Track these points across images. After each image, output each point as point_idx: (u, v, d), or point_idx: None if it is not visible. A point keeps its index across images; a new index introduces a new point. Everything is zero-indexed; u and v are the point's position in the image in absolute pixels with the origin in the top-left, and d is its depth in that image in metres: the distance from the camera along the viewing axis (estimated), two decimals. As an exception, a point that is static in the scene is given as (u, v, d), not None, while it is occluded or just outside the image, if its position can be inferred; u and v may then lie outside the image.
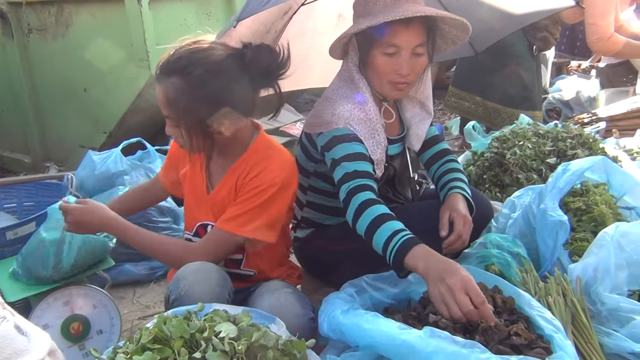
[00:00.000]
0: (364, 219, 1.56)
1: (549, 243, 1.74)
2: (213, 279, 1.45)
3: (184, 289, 1.41)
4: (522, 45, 3.47)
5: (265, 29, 2.16)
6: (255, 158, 1.64)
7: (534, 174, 2.41)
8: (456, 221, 1.73)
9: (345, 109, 1.72)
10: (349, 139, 1.70)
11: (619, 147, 2.84)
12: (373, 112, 1.74)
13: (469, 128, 3.15)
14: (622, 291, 1.59)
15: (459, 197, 1.81)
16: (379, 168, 1.75)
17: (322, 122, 1.75)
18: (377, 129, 1.74)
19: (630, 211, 2.03)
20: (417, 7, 1.68)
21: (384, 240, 1.51)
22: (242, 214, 1.58)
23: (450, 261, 1.41)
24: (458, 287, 1.32)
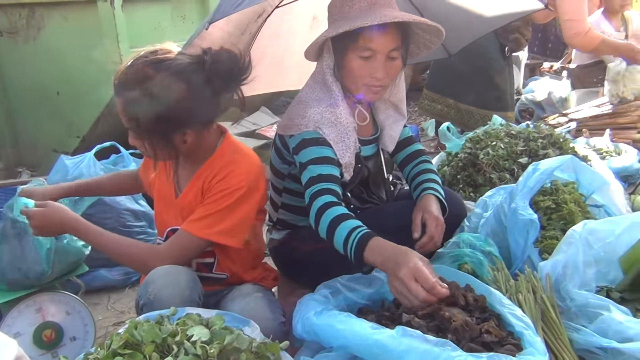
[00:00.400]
0: (323, 221, 1.59)
1: (520, 241, 1.77)
2: (182, 281, 1.45)
3: (152, 293, 1.40)
4: (494, 47, 3.52)
5: (240, 32, 2.16)
6: (221, 162, 1.64)
7: (506, 174, 2.44)
8: (428, 223, 1.75)
9: (316, 112, 1.73)
10: (316, 142, 1.72)
11: (589, 147, 2.91)
12: (344, 115, 1.76)
13: (443, 129, 3.19)
14: (590, 287, 1.62)
15: (432, 198, 1.84)
16: (348, 171, 1.77)
17: (293, 125, 1.76)
18: (348, 132, 1.75)
19: (599, 209, 2.08)
20: (393, 12, 1.70)
21: (343, 239, 1.54)
22: (207, 217, 1.57)
23: (401, 251, 1.43)
24: (408, 278, 1.35)
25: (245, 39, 2.22)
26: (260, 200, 1.69)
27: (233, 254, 1.70)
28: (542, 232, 1.87)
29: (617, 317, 1.45)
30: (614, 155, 2.87)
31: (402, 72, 1.89)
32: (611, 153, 2.91)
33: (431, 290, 1.35)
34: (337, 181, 1.68)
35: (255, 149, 3.42)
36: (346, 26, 1.66)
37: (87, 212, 2.47)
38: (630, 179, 2.77)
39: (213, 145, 1.68)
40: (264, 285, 1.82)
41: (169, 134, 1.55)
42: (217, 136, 1.70)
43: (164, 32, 3.36)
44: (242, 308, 1.49)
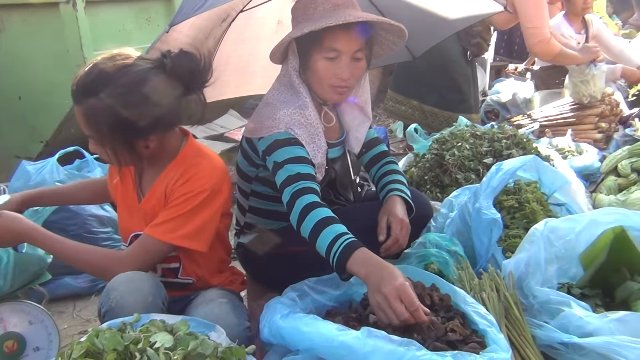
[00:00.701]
0: (308, 221, 1.57)
1: (484, 240, 1.80)
2: (145, 288, 1.43)
3: (114, 301, 1.38)
4: (456, 51, 3.57)
5: (204, 36, 2.14)
6: (184, 165, 1.62)
7: (471, 174, 2.48)
8: (393, 226, 1.76)
9: (285, 114, 1.73)
10: (290, 142, 1.71)
11: (551, 147, 2.98)
12: (313, 117, 1.76)
13: (410, 130, 3.22)
14: (552, 284, 1.66)
15: (397, 199, 1.85)
16: (320, 172, 1.77)
17: (262, 127, 1.75)
18: (318, 133, 1.76)
19: (560, 207, 2.13)
20: (357, 13, 1.72)
21: (327, 244, 1.52)
22: (170, 220, 1.55)
23: (387, 267, 1.43)
24: (393, 296, 1.35)
25: (209, 44, 2.21)
26: (224, 203, 1.68)
27: (199, 258, 1.69)
28: (505, 230, 1.90)
29: (577, 313, 1.49)
30: (576, 155, 2.95)
31: (366, 74, 1.91)
32: (573, 153, 2.99)
33: (414, 313, 1.34)
34: (316, 180, 1.68)
35: (223, 152, 3.40)
36: (311, 26, 1.67)
37: (51, 219, 2.40)
38: (591, 178, 2.85)
39: (176, 148, 1.66)
40: (231, 289, 1.81)
41: (131, 140, 1.53)
42: (179, 139, 1.68)
43: (128, 35, 3.31)
44: (206, 314, 1.47)
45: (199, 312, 1.50)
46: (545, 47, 3.49)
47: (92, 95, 1.48)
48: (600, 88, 3.39)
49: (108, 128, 1.49)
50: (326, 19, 1.66)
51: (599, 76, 3.38)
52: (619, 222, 1.69)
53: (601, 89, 3.39)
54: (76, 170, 2.69)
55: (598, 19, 4.21)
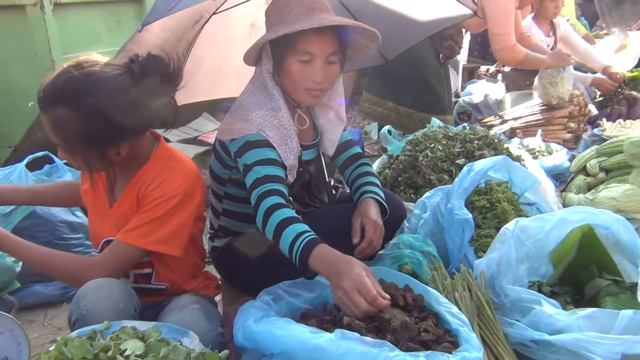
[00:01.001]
0: (271, 223, 1.58)
1: (456, 240, 1.82)
2: (116, 294, 1.41)
3: (84, 308, 1.35)
4: (429, 53, 3.61)
5: (176, 38, 2.13)
6: (156, 169, 1.60)
7: (444, 175, 2.51)
8: (367, 228, 1.77)
9: (258, 115, 1.73)
10: (261, 144, 1.70)
11: (522, 147, 3.02)
12: (286, 119, 1.76)
13: (384, 132, 3.25)
14: (523, 283, 1.69)
15: (371, 201, 1.86)
16: (292, 174, 1.77)
17: (234, 129, 1.75)
18: (290, 135, 1.75)
19: (531, 207, 2.16)
20: (332, 17, 1.72)
21: (288, 244, 1.53)
22: (143, 225, 1.54)
23: (343, 261, 1.44)
24: (351, 289, 1.36)
25: (182, 46, 2.19)
26: (198, 207, 1.66)
27: (172, 263, 1.67)
28: (477, 230, 1.93)
29: (547, 311, 1.51)
30: (546, 155, 3.00)
31: (340, 76, 1.92)
32: (543, 153, 3.04)
33: (373, 302, 1.35)
34: (284, 182, 1.68)
35: (197, 155, 3.38)
36: (285, 29, 1.66)
37: (20, 226, 2.36)
38: (561, 177, 2.90)
39: (147, 153, 1.64)
40: (205, 294, 1.79)
41: (102, 149, 1.51)
42: (150, 143, 1.66)
43: (98, 38, 3.27)
44: (178, 321, 1.46)
45: (171, 319, 1.49)
46: (509, 53, 3.56)
47: (60, 104, 1.44)
48: (568, 90, 3.46)
49: (77, 137, 1.46)
50: (300, 22, 1.66)
51: (567, 78, 3.45)
52: (587, 221, 1.73)
53: (569, 90, 3.46)
54: (45, 175, 2.64)
55: (565, 21, 4.29)
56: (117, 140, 1.51)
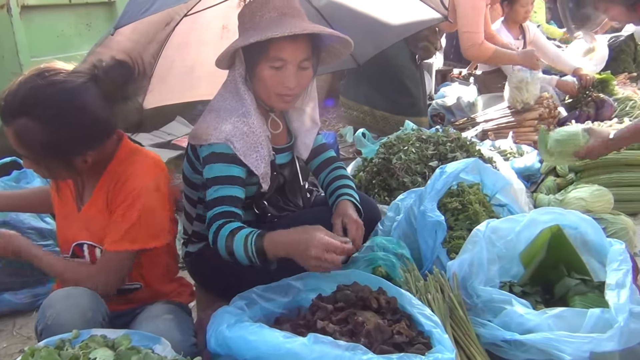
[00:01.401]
0: (220, 241, 1.63)
1: (429, 242, 1.84)
2: (84, 303, 1.39)
3: (50, 318, 1.33)
4: (404, 55, 3.64)
5: (147, 40, 2.10)
6: (120, 167, 1.59)
7: (418, 177, 2.53)
8: (349, 227, 1.78)
9: (228, 122, 1.72)
10: (224, 159, 1.71)
11: (494, 149, 3.06)
12: (257, 125, 1.75)
13: (358, 135, 3.26)
14: (494, 283, 1.71)
15: (349, 203, 1.87)
16: (265, 181, 1.77)
17: (202, 134, 1.74)
18: (261, 142, 1.75)
19: (502, 208, 2.19)
20: (303, 24, 1.71)
21: (242, 249, 1.59)
22: (129, 230, 1.54)
23: (302, 232, 1.56)
24: (321, 253, 1.50)
25: (152, 48, 2.17)
26: (169, 195, 1.65)
27: (143, 261, 1.66)
28: (450, 232, 1.95)
29: (518, 311, 1.54)
30: (517, 156, 3.04)
31: (313, 80, 1.92)
32: (514, 154, 3.08)
33: (342, 253, 1.53)
34: (238, 203, 1.71)
35: (170, 159, 3.34)
36: (257, 36, 1.66)
37: (-13, 233, 2.31)
38: (532, 178, 2.95)
39: (111, 153, 1.62)
40: (179, 301, 1.78)
41: (68, 158, 1.48)
42: (114, 143, 1.64)
43: (68, 41, 3.21)
44: (151, 331, 1.44)
45: (143, 329, 1.47)
46: (477, 50, 3.62)
47: (22, 115, 1.41)
48: (534, 95, 3.52)
49: (41, 148, 1.43)
50: (272, 29, 1.66)
51: (532, 83, 3.51)
52: (556, 221, 1.76)
53: (535, 95, 3.52)
54: (14, 181, 2.58)
55: (534, 26, 4.37)
56: (83, 149, 1.49)
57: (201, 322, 1.82)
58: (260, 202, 1.88)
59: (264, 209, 1.89)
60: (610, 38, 4.98)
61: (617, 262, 1.59)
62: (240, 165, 1.72)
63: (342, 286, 1.61)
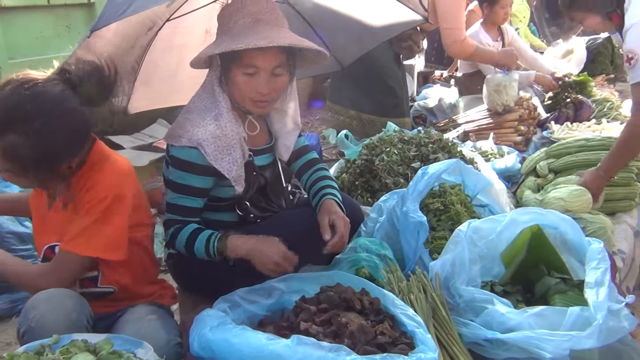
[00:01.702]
0: (179, 240, 1.76)
1: (412, 243, 1.85)
2: (68, 304, 1.38)
3: (34, 320, 1.31)
4: (389, 56, 3.65)
5: (129, 44, 2.09)
6: (90, 172, 1.58)
7: (400, 178, 2.54)
8: (337, 223, 1.80)
9: (200, 125, 1.73)
10: (188, 167, 1.74)
11: (475, 150, 3.09)
12: (229, 128, 1.75)
13: (341, 137, 3.27)
14: (476, 283, 1.72)
15: (333, 202, 1.88)
16: (239, 184, 1.77)
17: (175, 135, 1.76)
18: (233, 144, 1.75)
19: (484, 208, 2.21)
20: (272, 34, 1.69)
21: (203, 248, 1.72)
22: (82, 232, 1.52)
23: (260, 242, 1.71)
24: (281, 260, 1.67)
25: (135, 52, 2.15)
26: (130, 207, 1.62)
27: (118, 266, 1.64)
28: (432, 232, 1.96)
29: (500, 310, 1.55)
30: (498, 157, 3.07)
31: (292, 83, 1.92)
32: (495, 155, 3.11)
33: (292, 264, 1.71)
34: (194, 214, 1.80)
35: (152, 162, 3.31)
36: (224, 46, 1.67)
37: (-36, 238, 2.27)
38: (512, 179, 2.98)
39: (85, 156, 1.60)
40: (162, 302, 1.76)
41: (55, 167, 1.47)
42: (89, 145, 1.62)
43: (47, 42, 3.17)
44: (135, 332, 1.43)
45: (128, 330, 1.46)
46: (459, 47, 3.63)
47: (9, 132, 1.38)
48: (513, 96, 3.56)
49: (32, 162, 1.41)
50: (242, 37, 1.66)
51: (510, 85, 3.54)
52: (536, 221, 1.78)
53: (514, 97, 3.56)
54: (-7, 185, 2.55)
55: (512, 28, 4.42)
56: (70, 156, 1.49)
57: (184, 325, 1.81)
58: (242, 203, 1.88)
59: (246, 210, 1.89)
60: (588, 40, 5.06)
61: (595, 261, 1.61)
62: (206, 175, 1.75)
63: (326, 287, 1.61)
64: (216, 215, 1.91)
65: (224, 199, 1.87)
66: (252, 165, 1.84)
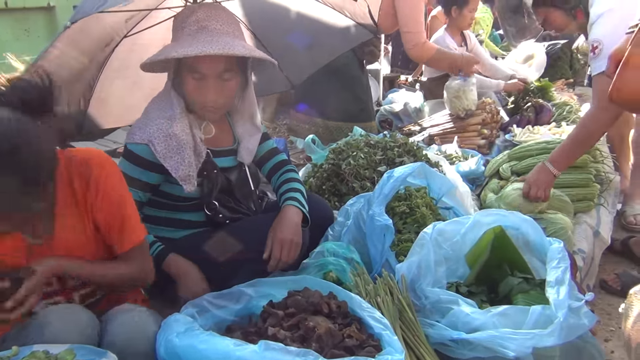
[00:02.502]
0: None
1: (378, 246, 1.86)
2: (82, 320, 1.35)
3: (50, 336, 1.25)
4: (353, 62, 3.67)
5: (88, 59, 2.06)
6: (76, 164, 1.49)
7: (367, 182, 2.56)
8: (273, 247, 1.81)
9: (153, 124, 1.76)
10: (137, 161, 1.77)
11: (440, 153, 3.13)
12: (180, 129, 1.77)
13: (308, 141, 3.27)
14: (442, 284, 1.75)
15: (290, 210, 1.90)
16: (189, 183, 1.78)
17: (130, 132, 1.80)
18: (183, 145, 1.76)
19: (449, 210, 2.25)
20: (213, 43, 1.69)
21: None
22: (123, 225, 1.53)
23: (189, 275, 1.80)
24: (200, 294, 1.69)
25: (92, 68, 2.13)
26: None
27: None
28: (398, 235, 1.98)
29: (465, 310, 1.57)
30: (462, 160, 3.12)
31: (250, 87, 1.95)
32: (459, 158, 3.16)
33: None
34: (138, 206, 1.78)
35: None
36: (166, 52, 1.71)
37: None
38: (476, 181, 3.03)
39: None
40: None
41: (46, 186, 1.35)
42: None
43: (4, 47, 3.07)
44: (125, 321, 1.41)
45: (119, 319, 1.42)
46: (420, 50, 3.65)
47: None
48: (473, 100, 3.62)
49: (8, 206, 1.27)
50: (184, 45, 1.70)
51: (469, 91, 3.61)
52: (498, 222, 1.82)
53: (474, 101, 3.62)
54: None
55: (473, 35, 4.51)
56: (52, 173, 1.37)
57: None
58: (210, 202, 1.89)
59: (215, 210, 1.89)
60: (548, 45, 5.19)
61: (556, 260, 1.65)
62: (152, 171, 1.78)
63: (293, 292, 1.61)
64: (184, 215, 1.92)
65: (187, 199, 1.88)
66: (212, 164, 1.87)
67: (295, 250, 1.83)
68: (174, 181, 1.80)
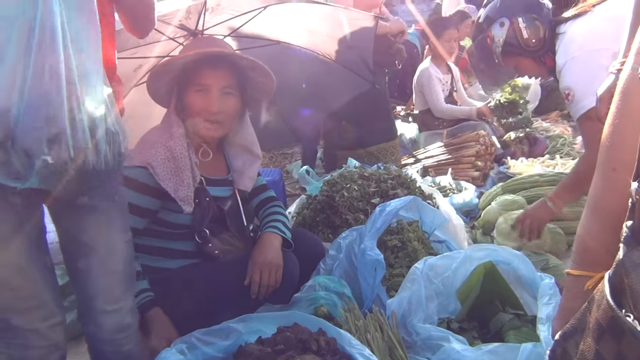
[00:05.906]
0: None
1: (369, 281, 1.86)
2: None
3: None
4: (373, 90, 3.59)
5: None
6: None
7: (360, 214, 2.55)
8: (253, 271, 1.83)
9: (152, 147, 1.79)
10: (134, 185, 1.76)
11: (434, 185, 3.14)
12: (178, 150, 1.81)
13: (302, 172, 3.28)
14: (433, 320, 1.74)
15: (268, 236, 1.93)
16: (187, 204, 1.79)
17: (129, 157, 1.77)
18: (181, 167, 1.80)
19: (441, 244, 2.25)
20: (215, 45, 1.87)
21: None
22: None
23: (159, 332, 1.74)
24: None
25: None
26: None
27: None
28: (390, 270, 1.98)
29: (455, 347, 1.56)
30: (456, 192, 3.13)
31: (246, 114, 2.00)
32: (453, 190, 3.17)
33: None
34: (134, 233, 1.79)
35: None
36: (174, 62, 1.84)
37: None
38: (470, 213, 3.04)
39: None
40: None
41: None
42: None
43: None
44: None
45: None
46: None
47: None
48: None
49: None
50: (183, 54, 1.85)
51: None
52: (489, 257, 1.82)
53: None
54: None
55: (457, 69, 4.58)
56: None
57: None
58: (201, 230, 1.89)
59: (205, 238, 1.89)
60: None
61: (547, 296, 1.65)
62: (151, 196, 1.79)
63: (283, 328, 1.60)
64: (176, 245, 1.92)
65: (179, 226, 1.88)
66: (205, 191, 1.89)
67: (276, 271, 1.83)
68: (169, 207, 1.82)
